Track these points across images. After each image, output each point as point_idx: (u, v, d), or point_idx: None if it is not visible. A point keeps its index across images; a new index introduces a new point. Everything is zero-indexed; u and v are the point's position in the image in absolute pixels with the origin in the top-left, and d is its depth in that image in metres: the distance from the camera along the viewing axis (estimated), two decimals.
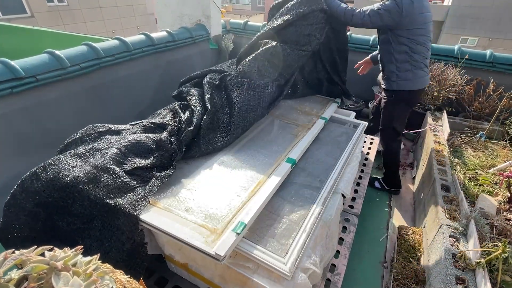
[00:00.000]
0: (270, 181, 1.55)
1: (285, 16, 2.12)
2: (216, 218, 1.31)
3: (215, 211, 1.35)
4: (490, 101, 2.91)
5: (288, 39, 2.14)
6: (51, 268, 0.58)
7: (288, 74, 2.24)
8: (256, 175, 1.61)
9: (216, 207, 1.37)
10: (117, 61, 2.59)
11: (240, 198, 1.43)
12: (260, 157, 1.78)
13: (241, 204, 1.40)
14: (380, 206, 2.40)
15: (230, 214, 1.33)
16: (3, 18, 9.85)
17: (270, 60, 2.07)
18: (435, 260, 1.58)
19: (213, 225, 1.27)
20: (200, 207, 1.37)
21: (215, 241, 1.19)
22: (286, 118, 2.26)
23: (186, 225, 1.26)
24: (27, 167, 1.53)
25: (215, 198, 1.43)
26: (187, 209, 1.36)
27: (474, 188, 2.00)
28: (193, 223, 1.28)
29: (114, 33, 13.11)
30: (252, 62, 2.03)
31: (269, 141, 1.96)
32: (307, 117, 2.28)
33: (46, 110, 2.14)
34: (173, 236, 1.22)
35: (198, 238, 1.20)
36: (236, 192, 1.48)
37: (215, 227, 1.26)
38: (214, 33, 3.80)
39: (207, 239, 1.19)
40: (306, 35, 2.12)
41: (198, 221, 1.29)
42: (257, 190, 1.49)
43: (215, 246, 1.15)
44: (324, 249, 1.49)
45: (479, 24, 15.64)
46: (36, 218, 1.32)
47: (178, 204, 1.38)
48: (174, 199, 1.41)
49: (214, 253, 1.13)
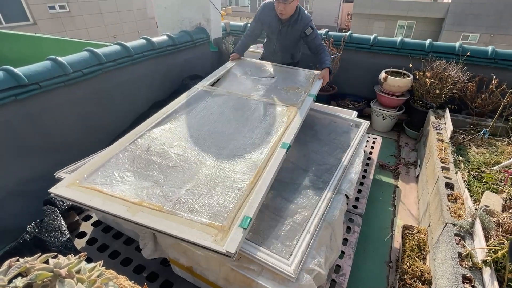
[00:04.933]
0: (268, 170, 1.54)
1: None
2: (221, 215, 1.31)
3: (219, 208, 1.35)
4: (493, 97, 2.88)
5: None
6: (55, 275, 0.58)
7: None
8: (253, 164, 1.60)
9: (219, 204, 1.37)
10: (118, 66, 2.60)
11: (241, 192, 1.43)
12: (255, 144, 1.77)
13: (244, 197, 1.39)
14: (384, 206, 2.38)
15: (234, 209, 1.33)
16: (5, 26, 9.96)
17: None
18: (441, 259, 1.57)
19: (219, 222, 1.27)
20: (203, 206, 1.37)
21: (224, 238, 1.19)
22: (274, 99, 2.25)
23: (193, 226, 1.25)
24: (31, 173, 1.55)
25: (217, 195, 1.43)
26: (191, 210, 1.35)
27: (478, 186, 1.98)
28: (199, 223, 1.27)
29: (115, 38, 13.21)
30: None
31: (261, 127, 1.94)
32: (295, 96, 2.27)
33: (49, 116, 2.16)
34: (181, 239, 1.21)
35: (206, 237, 1.20)
36: (237, 186, 1.47)
37: (222, 225, 1.25)
38: (214, 36, 3.81)
39: (216, 238, 1.19)
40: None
41: (204, 221, 1.28)
42: (256, 181, 1.48)
43: (224, 244, 1.16)
44: (328, 250, 1.49)
45: (480, 20, 15.56)
46: None
47: (181, 206, 1.38)
48: (177, 201, 1.41)
49: (225, 251, 1.13)
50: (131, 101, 2.86)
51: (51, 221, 1.68)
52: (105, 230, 1.88)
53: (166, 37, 3.16)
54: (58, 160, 1.95)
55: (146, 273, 1.61)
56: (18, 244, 1.61)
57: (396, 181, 2.70)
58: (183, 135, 1.87)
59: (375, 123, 3.51)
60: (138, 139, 1.80)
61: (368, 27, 19.28)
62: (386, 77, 3.22)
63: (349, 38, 3.53)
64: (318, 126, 2.36)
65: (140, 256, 1.61)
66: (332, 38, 3.54)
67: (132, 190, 1.45)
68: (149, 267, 1.63)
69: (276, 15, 2.63)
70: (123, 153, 1.69)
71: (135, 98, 2.91)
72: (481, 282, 1.33)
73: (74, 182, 1.47)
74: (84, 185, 1.46)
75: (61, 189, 1.42)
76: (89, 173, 1.54)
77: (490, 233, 1.53)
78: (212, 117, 2.05)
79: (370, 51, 3.49)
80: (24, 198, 2.04)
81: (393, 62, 3.40)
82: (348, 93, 3.86)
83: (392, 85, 3.19)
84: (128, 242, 1.79)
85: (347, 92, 3.87)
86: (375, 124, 3.52)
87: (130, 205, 1.35)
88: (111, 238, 1.82)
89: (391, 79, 3.18)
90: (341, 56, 3.52)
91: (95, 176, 1.53)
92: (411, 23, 18.55)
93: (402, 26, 18.93)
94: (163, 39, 3.11)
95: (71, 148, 2.30)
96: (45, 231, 1.64)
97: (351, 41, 3.54)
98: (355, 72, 3.71)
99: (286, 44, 2.84)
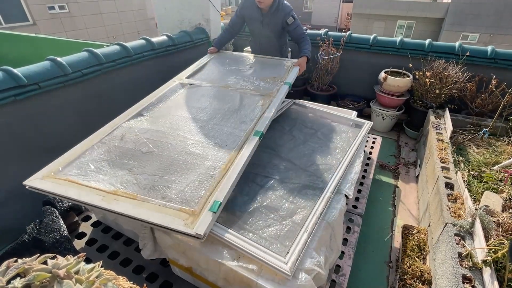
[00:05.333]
0: (240, 157, 1.58)
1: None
2: (193, 201, 1.36)
3: (191, 194, 1.39)
4: (493, 97, 2.88)
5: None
6: (53, 276, 0.58)
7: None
8: (226, 152, 1.64)
9: (191, 190, 1.41)
10: (118, 66, 2.60)
11: (213, 178, 1.47)
12: (228, 132, 1.80)
13: (215, 183, 1.44)
14: (384, 206, 2.38)
15: (206, 195, 1.38)
16: (5, 27, 9.96)
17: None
18: (441, 259, 1.57)
19: (190, 207, 1.32)
20: (176, 193, 1.41)
21: (194, 222, 1.24)
22: (250, 89, 2.27)
23: (165, 212, 1.30)
24: (30, 174, 1.55)
25: (189, 182, 1.46)
26: (164, 196, 1.39)
27: (478, 186, 1.98)
28: (171, 209, 1.32)
29: (115, 39, 13.21)
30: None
31: (235, 116, 1.97)
32: (271, 85, 2.29)
33: (49, 117, 2.15)
34: (154, 224, 1.26)
35: (178, 222, 1.25)
36: (209, 173, 1.50)
37: (193, 209, 1.30)
38: (214, 36, 3.80)
39: (187, 222, 1.25)
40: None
41: (176, 206, 1.33)
42: (228, 168, 1.52)
43: (194, 227, 1.21)
44: (328, 250, 1.48)
45: (480, 20, 15.57)
46: None
47: (155, 193, 1.41)
48: (150, 189, 1.44)
49: (195, 233, 1.19)
50: (131, 101, 2.84)
51: (50, 221, 1.68)
52: (104, 231, 1.88)
53: (165, 38, 3.16)
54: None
55: (146, 273, 1.61)
56: (17, 245, 1.60)
57: (396, 181, 2.70)
58: (157, 123, 1.93)
59: (375, 123, 3.51)
60: (113, 132, 1.85)
61: (367, 27, 19.29)
62: (385, 77, 3.22)
63: (349, 38, 3.53)
64: (318, 126, 2.35)
65: (139, 257, 1.61)
66: (331, 38, 3.54)
67: (107, 179, 1.49)
68: (149, 268, 1.63)
69: (257, 7, 2.73)
70: (98, 145, 1.74)
71: (135, 99, 2.89)
72: (481, 282, 1.33)
73: (49, 174, 1.50)
74: (59, 176, 1.49)
75: (36, 181, 1.44)
76: (64, 165, 1.57)
77: (490, 233, 1.53)
78: (187, 107, 2.11)
79: (369, 51, 3.49)
80: (24, 199, 2.03)
81: (392, 62, 3.39)
82: (348, 93, 3.86)
83: (392, 85, 3.19)
84: (128, 243, 1.79)
85: (347, 92, 3.87)
86: (375, 124, 3.52)
87: (105, 194, 1.39)
88: (111, 239, 1.82)
89: (391, 79, 3.18)
90: (341, 56, 3.52)
91: (70, 168, 1.57)
92: (410, 23, 18.57)
93: (402, 26, 18.94)
94: (162, 40, 3.11)
95: (71, 149, 2.30)
96: (44, 231, 1.64)
97: (350, 41, 3.54)
98: (355, 72, 3.71)
99: (270, 36, 2.90)
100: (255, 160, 1.87)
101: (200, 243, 1.28)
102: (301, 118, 2.45)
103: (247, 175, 1.75)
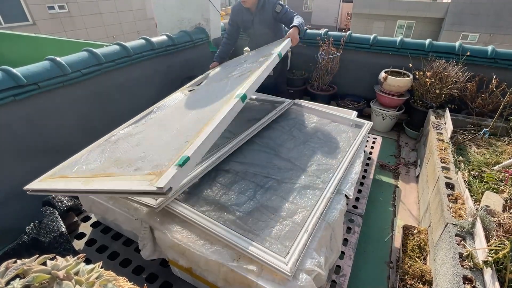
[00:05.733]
0: (217, 117, 1.46)
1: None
2: (163, 164, 1.27)
3: (163, 160, 1.31)
4: (493, 97, 2.88)
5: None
6: (53, 277, 0.57)
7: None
8: (206, 116, 1.56)
9: (164, 157, 1.33)
10: (117, 66, 2.60)
11: (188, 143, 1.36)
12: (213, 103, 1.74)
13: (188, 144, 1.33)
14: (384, 206, 2.38)
15: (176, 155, 1.28)
16: (5, 26, 9.95)
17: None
18: (441, 259, 1.57)
19: (159, 169, 1.24)
20: (150, 162, 1.36)
21: (158, 179, 1.15)
22: (243, 71, 2.19)
23: (134, 179, 1.25)
24: (31, 174, 1.55)
25: (164, 151, 1.40)
26: (137, 168, 1.35)
27: (479, 186, 1.97)
28: (140, 175, 1.26)
29: (114, 39, 13.20)
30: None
31: (223, 90, 1.89)
32: (263, 60, 2.20)
33: (48, 117, 2.15)
34: (120, 192, 1.22)
35: (143, 184, 1.17)
36: (185, 139, 1.40)
37: (161, 170, 1.22)
38: (214, 36, 3.80)
39: (152, 182, 1.16)
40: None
41: (145, 172, 1.27)
42: (204, 129, 1.41)
43: (156, 183, 1.12)
44: (328, 250, 1.48)
45: (480, 20, 15.57)
46: None
47: (129, 168, 1.39)
48: (127, 166, 1.41)
49: (156, 188, 1.09)
50: (130, 101, 2.85)
51: (50, 222, 1.68)
52: (104, 231, 1.87)
53: (165, 37, 3.16)
54: (57, 160, 1.93)
55: (146, 274, 1.60)
56: (16, 246, 1.60)
57: (396, 181, 2.69)
58: (153, 123, 1.96)
59: (375, 123, 3.51)
60: (111, 137, 1.89)
61: (367, 27, 19.30)
62: (386, 77, 3.21)
63: (349, 38, 3.53)
64: (318, 126, 2.35)
65: (139, 257, 1.60)
66: (331, 38, 3.54)
67: (93, 169, 1.53)
68: (149, 268, 1.63)
69: (245, 9, 2.81)
70: (95, 149, 1.77)
71: (135, 99, 2.91)
72: (482, 283, 1.33)
73: (47, 178, 1.57)
74: (54, 177, 1.57)
75: (34, 184, 1.54)
76: (60, 169, 1.64)
77: (491, 233, 1.53)
78: (183, 101, 2.17)
79: (369, 51, 3.49)
80: (23, 199, 2.02)
81: (393, 62, 3.39)
82: (348, 93, 3.86)
83: (392, 85, 3.19)
84: (128, 243, 1.78)
85: (347, 92, 3.87)
86: (375, 124, 3.51)
87: (86, 179, 1.41)
88: (110, 239, 1.82)
89: (391, 79, 3.18)
90: (341, 56, 3.52)
91: (66, 169, 1.62)
92: (410, 23, 18.57)
93: (402, 26, 18.95)
94: (162, 39, 3.11)
95: (70, 149, 2.28)
96: (43, 232, 1.64)
97: (350, 41, 3.54)
98: (355, 72, 3.71)
99: (265, 33, 2.94)
100: (255, 160, 1.87)
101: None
102: (301, 118, 2.45)
103: (247, 175, 1.75)
